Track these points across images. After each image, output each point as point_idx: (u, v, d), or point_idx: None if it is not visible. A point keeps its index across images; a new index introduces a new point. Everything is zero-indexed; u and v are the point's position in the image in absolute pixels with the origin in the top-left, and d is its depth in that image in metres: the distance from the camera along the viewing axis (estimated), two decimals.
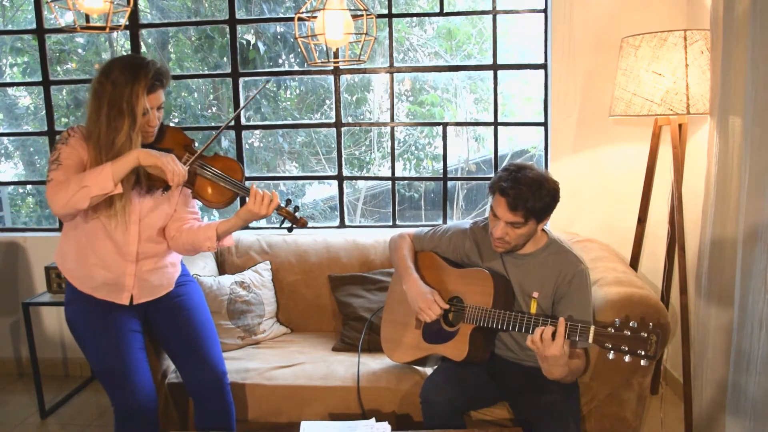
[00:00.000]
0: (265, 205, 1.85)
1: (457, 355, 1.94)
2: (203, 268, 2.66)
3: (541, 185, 1.79)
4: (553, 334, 1.67)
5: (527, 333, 1.77)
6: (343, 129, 3.07)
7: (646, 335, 1.59)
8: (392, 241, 2.27)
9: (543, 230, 1.95)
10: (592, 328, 1.66)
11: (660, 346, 1.60)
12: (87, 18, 2.14)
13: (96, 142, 1.78)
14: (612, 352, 1.63)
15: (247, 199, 1.88)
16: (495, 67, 2.91)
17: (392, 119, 3.05)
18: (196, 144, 1.96)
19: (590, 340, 1.66)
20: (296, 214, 1.96)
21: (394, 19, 2.98)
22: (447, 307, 1.99)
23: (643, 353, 1.59)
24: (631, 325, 1.62)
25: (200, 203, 1.99)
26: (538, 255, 1.93)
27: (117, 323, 1.91)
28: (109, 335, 1.89)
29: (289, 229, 1.98)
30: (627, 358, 1.61)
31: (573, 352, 1.81)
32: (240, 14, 3.06)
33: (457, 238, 2.10)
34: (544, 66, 2.87)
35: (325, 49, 2.50)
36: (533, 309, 1.89)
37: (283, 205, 1.93)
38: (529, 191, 1.77)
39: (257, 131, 4.88)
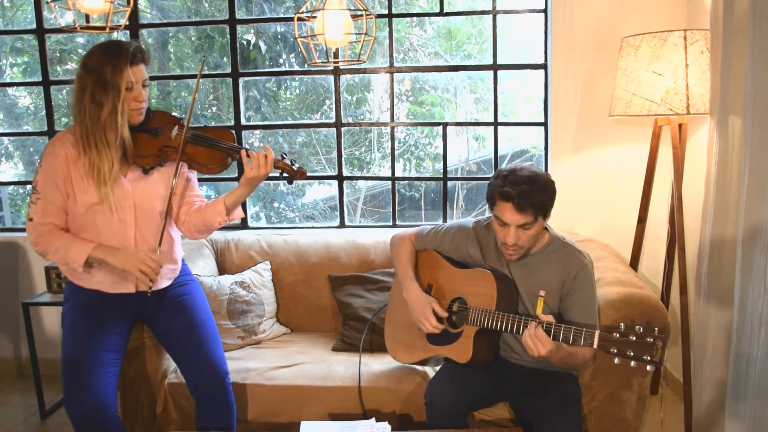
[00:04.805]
0: (262, 164, 1.85)
1: (461, 357, 1.93)
2: (203, 268, 2.66)
3: (537, 178, 1.79)
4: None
5: None
6: (343, 129, 3.07)
7: (651, 340, 1.56)
8: (393, 243, 2.24)
9: (545, 228, 1.94)
10: (597, 332, 1.64)
11: (665, 351, 1.57)
12: (87, 18, 2.14)
13: (81, 122, 1.79)
14: (617, 357, 1.60)
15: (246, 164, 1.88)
16: (495, 67, 2.91)
17: (392, 119, 3.06)
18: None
19: (595, 345, 1.63)
20: (293, 165, 1.96)
21: (394, 19, 2.98)
22: (445, 320, 1.98)
23: (648, 359, 1.56)
24: (636, 329, 1.58)
25: (199, 173, 2.02)
26: (541, 253, 1.92)
27: (98, 322, 1.89)
28: (83, 333, 1.87)
29: (289, 181, 1.98)
30: (633, 364, 1.58)
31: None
32: (240, 14, 3.06)
33: (459, 237, 2.08)
34: (544, 66, 2.87)
35: (325, 49, 2.50)
36: (540, 308, 1.87)
37: (279, 158, 1.94)
38: (530, 188, 1.76)
39: (257, 131, 4.88)
